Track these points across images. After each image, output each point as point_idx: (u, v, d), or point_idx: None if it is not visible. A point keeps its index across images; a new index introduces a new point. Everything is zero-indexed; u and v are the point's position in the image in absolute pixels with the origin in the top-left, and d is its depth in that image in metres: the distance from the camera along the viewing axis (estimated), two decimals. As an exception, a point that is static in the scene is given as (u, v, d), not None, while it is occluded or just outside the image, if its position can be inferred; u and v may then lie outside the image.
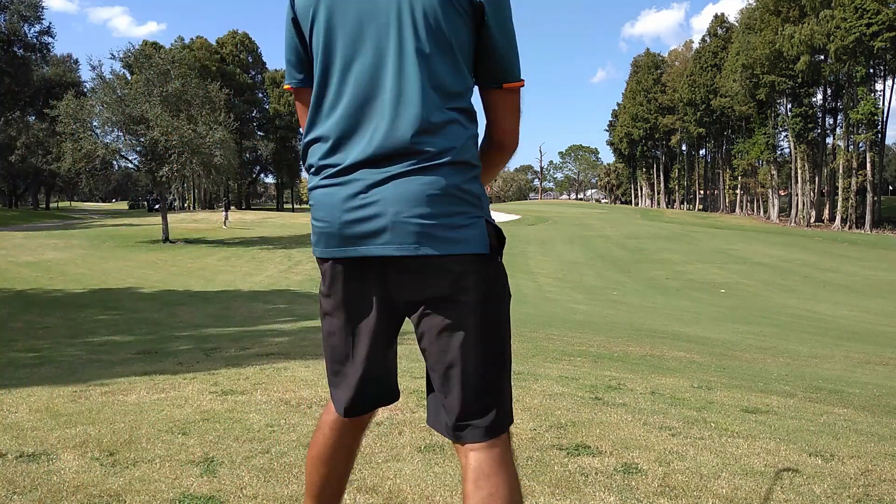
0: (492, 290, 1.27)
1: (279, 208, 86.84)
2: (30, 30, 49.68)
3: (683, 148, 79.67)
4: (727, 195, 70.39)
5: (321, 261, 1.34)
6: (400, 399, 3.58)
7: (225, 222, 38.12)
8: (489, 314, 1.26)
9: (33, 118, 54.95)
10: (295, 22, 1.33)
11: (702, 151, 78.45)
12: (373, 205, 1.21)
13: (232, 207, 60.20)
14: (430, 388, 1.35)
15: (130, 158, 30.09)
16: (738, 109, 60.45)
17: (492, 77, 1.29)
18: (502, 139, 1.35)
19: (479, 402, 1.26)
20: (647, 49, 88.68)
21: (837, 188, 52.86)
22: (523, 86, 1.32)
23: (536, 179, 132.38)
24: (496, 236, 1.28)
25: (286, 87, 1.41)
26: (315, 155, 1.29)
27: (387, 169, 1.20)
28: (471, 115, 1.27)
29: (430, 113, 1.19)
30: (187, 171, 28.34)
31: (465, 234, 1.23)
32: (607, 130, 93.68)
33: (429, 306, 1.25)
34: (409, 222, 1.19)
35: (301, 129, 1.39)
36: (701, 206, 77.78)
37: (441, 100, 1.21)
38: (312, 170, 1.30)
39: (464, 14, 1.21)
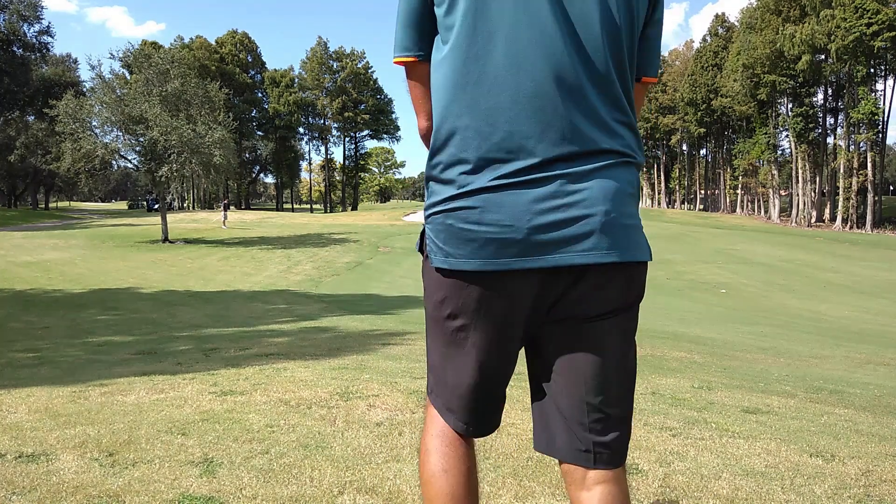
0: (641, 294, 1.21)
1: (279, 208, 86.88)
2: (29, 29, 49.75)
3: (684, 148, 79.69)
4: (728, 195, 70.41)
5: (465, 273, 1.13)
6: (399, 399, 3.58)
7: (224, 222, 38.11)
8: (635, 330, 1.20)
9: (32, 118, 54.97)
10: None
11: (702, 151, 78.47)
12: (575, 206, 1.08)
13: (231, 207, 60.23)
14: (544, 409, 1.22)
15: (130, 158, 30.11)
16: (739, 109, 60.47)
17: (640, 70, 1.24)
18: None
19: (626, 421, 1.19)
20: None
21: (838, 188, 52.88)
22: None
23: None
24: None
25: None
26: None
27: (586, 165, 1.10)
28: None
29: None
30: (187, 170, 28.34)
31: (644, 238, 1.18)
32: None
33: (607, 318, 1.15)
34: (619, 224, 1.10)
35: None
36: (702, 206, 77.77)
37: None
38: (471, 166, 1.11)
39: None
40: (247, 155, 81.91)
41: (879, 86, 52.57)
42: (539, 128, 1.07)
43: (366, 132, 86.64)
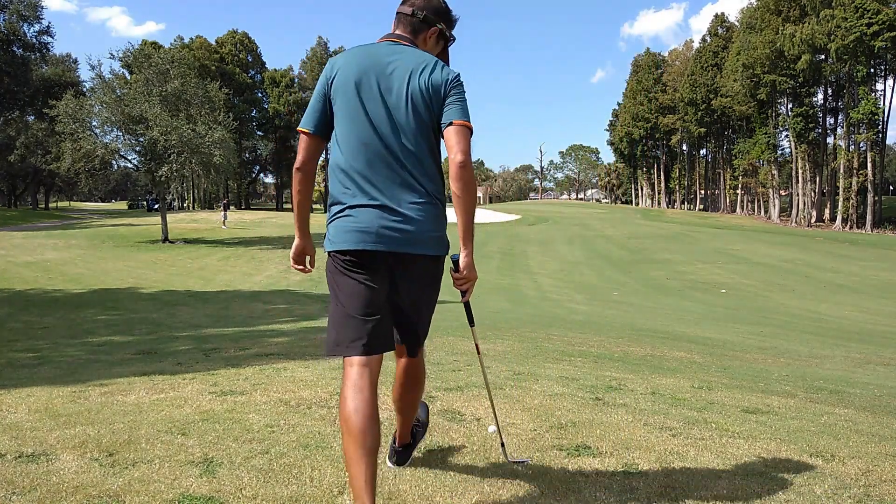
0: (441, 272, 2.19)
1: (279, 208, 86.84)
2: (29, 29, 49.69)
3: (684, 148, 79.63)
4: (728, 195, 70.37)
5: (341, 251, 2.07)
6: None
7: (224, 222, 38.10)
8: (438, 285, 2.21)
9: (32, 118, 54.92)
10: None
11: (702, 151, 78.39)
12: (401, 222, 2.04)
13: (231, 207, 60.22)
14: (397, 323, 2.22)
15: (130, 158, 30.11)
16: (739, 109, 60.43)
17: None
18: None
19: (425, 332, 2.30)
20: (648, 49, 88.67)
21: (838, 188, 52.85)
22: (470, 126, 2.07)
23: (537, 179, 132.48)
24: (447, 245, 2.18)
25: None
26: None
27: (408, 200, 2.07)
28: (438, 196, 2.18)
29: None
30: (186, 170, 28.34)
31: (442, 243, 2.15)
32: (608, 130, 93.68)
33: (423, 284, 2.15)
34: (424, 234, 2.06)
35: None
36: (701, 206, 77.72)
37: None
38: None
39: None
40: (247, 155, 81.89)
41: (879, 86, 52.59)
42: (379, 179, 2.03)
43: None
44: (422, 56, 2.10)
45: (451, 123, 2.04)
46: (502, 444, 2.66)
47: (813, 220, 54.37)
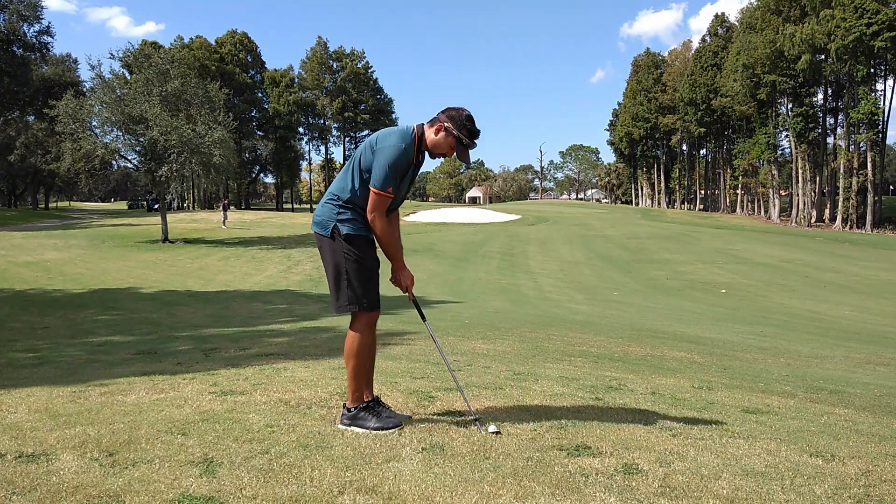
0: (335, 250, 3.05)
1: (279, 208, 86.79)
2: (29, 29, 49.68)
3: (684, 148, 79.62)
4: (728, 195, 70.36)
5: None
6: (399, 399, 3.59)
7: (224, 222, 38.10)
8: (333, 258, 3.06)
9: (32, 118, 54.95)
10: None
11: (702, 151, 78.37)
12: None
13: (231, 207, 60.16)
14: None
15: (129, 158, 30.10)
16: (739, 109, 60.41)
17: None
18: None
19: (332, 296, 3.10)
20: (647, 49, 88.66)
21: (838, 188, 52.85)
22: (378, 193, 2.95)
23: (537, 179, 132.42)
24: (338, 231, 3.04)
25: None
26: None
27: (323, 200, 3.18)
28: (341, 197, 3.08)
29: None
30: (186, 170, 28.32)
31: (328, 225, 3.08)
32: (608, 130, 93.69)
33: (322, 251, 3.12)
34: (317, 219, 3.11)
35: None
36: (701, 206, 77.71)
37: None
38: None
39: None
40: (247, 155, 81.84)
41: (879, 86, 52.60)
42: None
43: (366, 132, 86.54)
44: (385, 130, 3.08)
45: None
46: (475, 419, 3.11)
47: (813, 220, 54.37)
